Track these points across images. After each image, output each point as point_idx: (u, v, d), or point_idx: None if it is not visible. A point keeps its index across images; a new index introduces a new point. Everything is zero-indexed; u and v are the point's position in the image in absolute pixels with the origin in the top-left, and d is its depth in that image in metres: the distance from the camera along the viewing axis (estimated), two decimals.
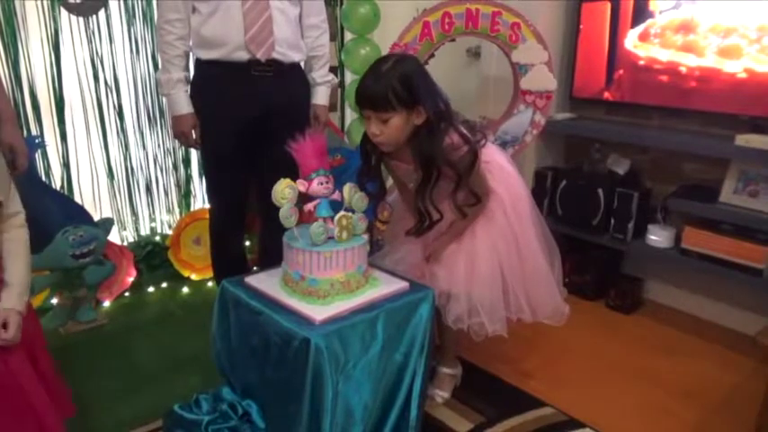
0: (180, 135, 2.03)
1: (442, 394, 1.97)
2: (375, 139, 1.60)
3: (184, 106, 1.98)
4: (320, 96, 2.20)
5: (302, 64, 2.14)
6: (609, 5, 2.66)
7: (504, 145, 2.65)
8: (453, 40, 2.55)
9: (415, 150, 1.60)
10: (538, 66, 2.54)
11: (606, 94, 2.76)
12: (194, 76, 2.03)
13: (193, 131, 2.02)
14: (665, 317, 2.65)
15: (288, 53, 2.01)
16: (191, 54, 2.01)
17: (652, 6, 2.53)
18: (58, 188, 2.43)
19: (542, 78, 2.56)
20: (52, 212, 2.22)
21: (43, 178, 2.36)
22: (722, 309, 2.59)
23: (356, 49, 2.81)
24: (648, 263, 2.76)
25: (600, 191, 2.65)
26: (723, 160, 2.36)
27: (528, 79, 2.56)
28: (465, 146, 1.61)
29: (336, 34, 3.09)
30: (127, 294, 2.63)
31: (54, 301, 2.38)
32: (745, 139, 2.21)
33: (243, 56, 1.92)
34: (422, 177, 1.61)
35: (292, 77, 2.08)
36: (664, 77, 2.53)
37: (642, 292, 2.82)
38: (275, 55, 1.96)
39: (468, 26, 2.55)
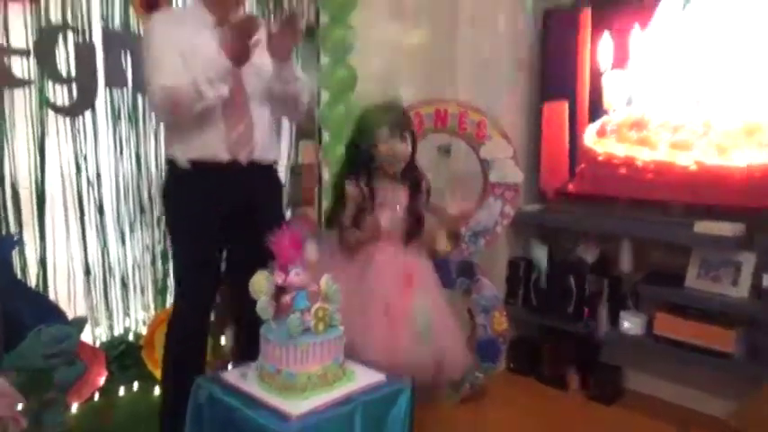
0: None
1: None
2: (402, 156, 2.10)
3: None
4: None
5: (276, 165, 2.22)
6: (566, 105, 2.87)
7: (476, 235, 2.73)
8: (424, 137, 2.70)
9: (411, 168, 2.15)
10: (504, 160, 2.69)
11: (570, 187, 2.91)
12: (167, 177, 2.06)
13: None
14: (645, 406, 2.65)
15: (266, 155, 2.08)
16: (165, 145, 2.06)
17: (606, 105, 2.73)
18: (33, 286, 2.41)
19: (509, 172, 2.70)
20: (25, 312, 2.19)
21: (18, 275, 2.34)
22: (699, 395, 2.60)
23: (334, 148, 2.95)
24: (625, 350, 2.78)
25: (571, 278, 2.72)
26: (685, 246, 2.47)
27: (495, 173, 2.70)
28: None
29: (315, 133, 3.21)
30: (97, 396, 2.54)
31: (19, 406, 2.28)
32: (703, 227, 2.33)
33: (224, 157, 1.97)
34: (412, 191, 2.14)
35: (268, 176, 2.15)
36: (623, 170, 2.68)
37: (621, 381, 2.82)
38: (255, 157, 2.03)
39: (437, 125, 2.71)
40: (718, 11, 2.35)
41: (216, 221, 2.01)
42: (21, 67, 2.26)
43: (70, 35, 2.36)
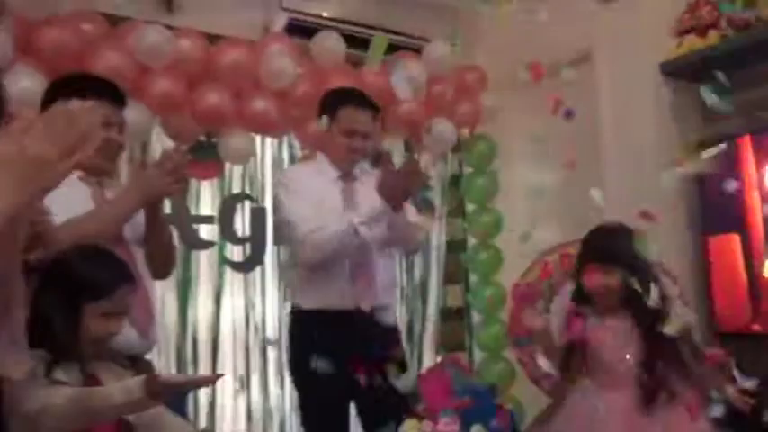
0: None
1: None
2: (602, 291, 1.80)
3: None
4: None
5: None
6: (738, 238, 2.61)
7: None
8: None
9: (635, 302, 1.80)
10: (673, 300, 2.46)
11: (755, 327, 2.54)
12: (292, 327, 2.10)
13: None
14: None
15: (386, 299, 2.09)
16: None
17: None
18: (202, 428, 2.58)
19: (681, 312, 2.45)
20: None
21: (190, 417, 2.54)
22: None
23: (482, 291, 2.96)
24: None
25: None
26: None
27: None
28: None
29: (462, 278, 3.25)
30: None
31: None
32: None
33: (349, 306, 1.98)
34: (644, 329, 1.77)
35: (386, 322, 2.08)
36: None
37: None
38: (377, 303, 2.03)
39: None
40: None
41: (342, 368, 1.93)
42: (206, 231, 2.65)
43: (247, 202, 2.75)
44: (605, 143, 2.85)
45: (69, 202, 1.39)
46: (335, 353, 1.93)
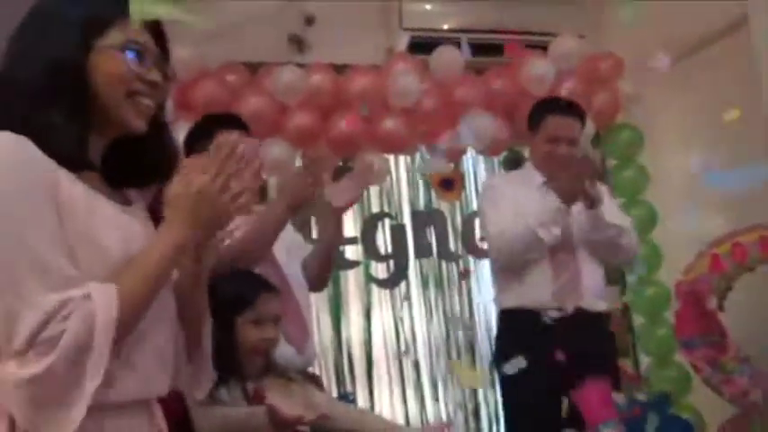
0: None
1: None
2: None
3: None
4: None
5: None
6: None
7: None
8: (752, 269, 2.31)
9: None
10: None
11: None
12: (498, 325, 2.20)
13: None
14: None
15: (594, 304, 2.03)
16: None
17: None
18: None
19: None
20: None
21: None
22: None
23: (642, 291, 2.75)
24: None
25: None
26: None
27: None
28: None
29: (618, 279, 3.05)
30: None
31: None
32: None
33: (550, 305, 1.98)
34: None
35: (597, 326, 2.06)
36: None
37: None
38: (582, 305, 2.00)
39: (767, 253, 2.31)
40: None
41: (545, 369, 1.92)
42: (351, 251, 2.77)
43: (386, 220, 2.84)
44: None
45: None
46: (536, 352, 1.93)
